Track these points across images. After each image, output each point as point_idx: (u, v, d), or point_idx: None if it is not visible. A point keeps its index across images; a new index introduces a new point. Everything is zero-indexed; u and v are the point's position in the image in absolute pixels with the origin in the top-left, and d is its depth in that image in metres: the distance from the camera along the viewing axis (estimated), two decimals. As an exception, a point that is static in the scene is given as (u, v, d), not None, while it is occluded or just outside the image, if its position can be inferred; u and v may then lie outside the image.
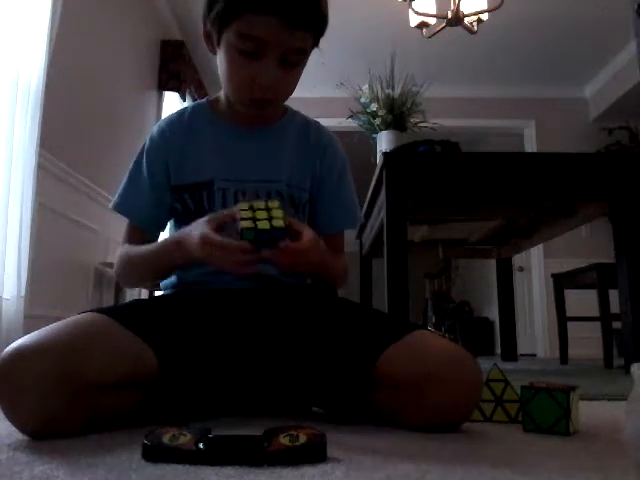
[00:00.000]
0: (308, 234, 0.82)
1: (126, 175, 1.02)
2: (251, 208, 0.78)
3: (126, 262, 0.97)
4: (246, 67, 0.86)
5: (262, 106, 0.91)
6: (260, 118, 0.99)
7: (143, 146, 1.02)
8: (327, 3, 0.88)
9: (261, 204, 0.79)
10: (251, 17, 0.82)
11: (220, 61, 0.90)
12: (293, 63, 0.87)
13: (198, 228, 0.82)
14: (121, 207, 1.00)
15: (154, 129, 1.02)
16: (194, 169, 0.97)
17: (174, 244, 0.88)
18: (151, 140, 1.01)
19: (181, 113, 1.03)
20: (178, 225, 0.99)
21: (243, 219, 0.77)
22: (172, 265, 0.92)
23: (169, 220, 1.03)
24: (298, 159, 1.01)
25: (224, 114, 1.00)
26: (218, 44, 0.89)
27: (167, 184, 0.98)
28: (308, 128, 1.05)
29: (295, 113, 1.06)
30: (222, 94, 1.01)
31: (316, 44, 0.91)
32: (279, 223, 0.77)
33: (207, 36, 0.91)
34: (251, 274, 0.81)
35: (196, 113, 1.02)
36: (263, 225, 0.76)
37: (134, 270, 0.98)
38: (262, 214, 0.78)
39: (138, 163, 1.01)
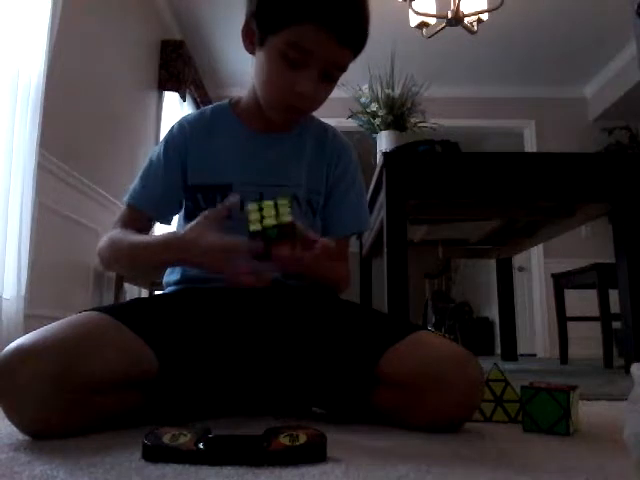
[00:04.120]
0: (319, 245, 0.78)
1: (140, 172, 1.01)
2: (259, 209, 0.75)
3: (110, 247, 0.93)
4: (287, 74, 0.85)
5: (294, 114, 0.92)
6: (282, 124, 0.98)
7: (160, 143, 1.01)
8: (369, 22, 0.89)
9: (269, 202, 0.76)
10: (304, 28, 0.82)
11: (259, 62, 0.89)
12: (332, 78, 0.88)
13: (195, 230, 0.79)
14: (133, 200, 0.99)
15: (175, 125, 1.02)
16: (212, 170, 0.97)
17: (164, 236, 0.86)
18: (171, 135, 1.01)
19: (202, 113, 1.03)
20: (187, 221, 0.98)
21: (251, 221, 0.74)
22: (154, 259, 0.87)
23: (175, 215, 1.02)
24: (314, 164, 1.02)
25: (245, 117, 1.00)
26: (260, 45, 0.88)
27: (181, 181, 0.98)
28: (325, 134, 1.05)
29: (313, 118, 1.07)
30: (245, 97, 1.01)
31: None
32: (286, 219, 0.74)
33: (247, 34, 0.90)
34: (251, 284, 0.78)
35: (217, 114, 1.02)
36: (269, 222, 0.74)
37: (116, 256, 0.93)
38: (270, 211, 0.75)
39: (153, 158, 1.00)
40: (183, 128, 1.01)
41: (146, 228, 1.00)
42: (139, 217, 0.98)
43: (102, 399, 0.73)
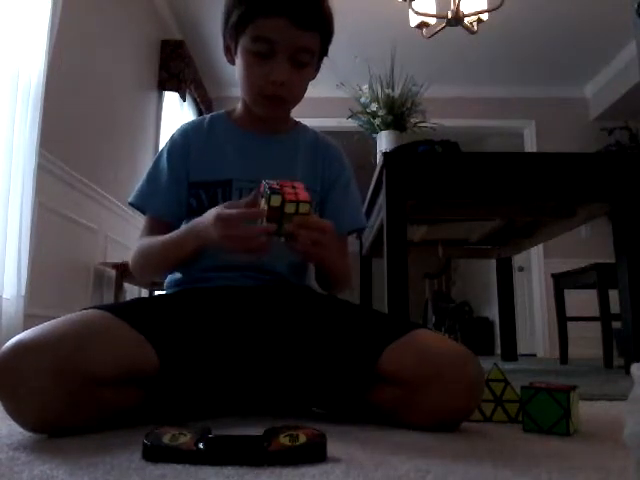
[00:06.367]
0: (328, 223, 0.85)
1: (144, 175, 1.06)
2: (281, 186, 0.79)
3: (141, 253, 0.99)
4: (260, 68, 0.93)
5: (276, 104, 0.97)
6: (274, 126, 1.06)
7: (162, 148, 1.07)
8: (331, 10, 0.96)
9: (288, 181, 0.80)
10: (262, 20, 0.90)
11: (237, 67, 0.97)
12: (302, 63, 0.94)
13: (212, 211, 0.85)
14: (138, 201, 1.03)
15: (176, 132, 1.08)
16: (213, 167, 1.02)
17: (186, 228, 0.92)
18: (173, 140, 1.07)
19: (201, 120, 1.10)
20: (190, 220, 1.00)
21: (272, 186, 0.78)
22: (184, 252, 0.92)
23: (183, 216, 1.04)
24: (308, 163, 1.07)
25: (241, 123, 1.07)
26: (235, 52, 0.97)
27: (186, 180, 1.02)
28: (317, 141, 1.11)
29: (305, 127, 1.13)
30: (239, 105, 1.08)
31: (325, 50, 0.99)
32: (304, 197, 0.78)
33: (227, 49, 1.00)
34: (261, 258, 0.81)
35: (215, 120, 1.09)
36: (290, 197, 0.77)
37: (148, 260, 0.99)
38: (289, 190, 0.79)
39: (157, 163, 1.05)
40: (185, 132, 1.07)
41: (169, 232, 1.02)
42: (159, 226, 1.01)
43: (102, 395, 0.73)
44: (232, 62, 1.01)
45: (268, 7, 0.89)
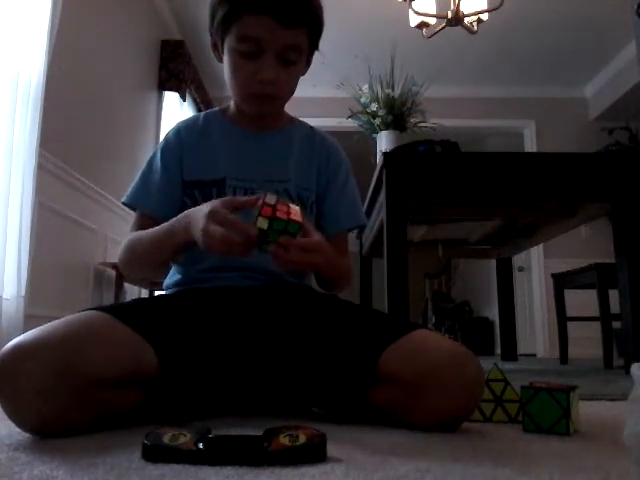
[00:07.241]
0: (315, 236, 0.84)
1: (138, 175, 1.05)
2: (275, 204, 0.76)
3: (129, 247, 0.97)
4: (247, 67, 0.92)
5: (265, 102, 0.97)
6: (267, 122, 1.04)
7: (156, 147, 1.06)
8: (320, 3, 0.94)
9: (285, 202, 0.79)
10: (247, 19, 0.89)
11: (225, 65, 0.96)
12: (290, 60, 0.93)
13: (208, 205, 0.81)
14: (131, 200, 1.03)
15: (170, 131, 1.07)
16: (207, 167, 1.01)
17: (177, 219, 0.88)
18: (167, 139, 1.06)
19: (195, 118, 1.10)
20: None
21: (266, 204, 0.76)
22: (175, 242, 0.88)
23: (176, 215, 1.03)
24: (303, 161, 1.06)
25: (234, 120, 1.06)
26: (222, 50, 0.96)
27: (179, 179, 1.02)
28: (313, 135, 1.10)
29: (301, 122, 1.12)
30: (231, 103, 1.07)
31: (314, 45, 0.98)
32: (296, 218, 0.76)
33: (214, 46, 0.99)
34: (244, 258, 0.79)
35: (209, 118, 1.08)
36: (281, 215, 0.75)
37: (137, 253, 0.96)
38: (283, 208, 0.77)
39: (151, 162, 1.04)
40: (178, 132, 1.06)
41: None
42: (148, 224, 0.99)
43: (102, 396, 0.73)
44: (220, 60, 0.99)
45: (252, 5, 0.88)
